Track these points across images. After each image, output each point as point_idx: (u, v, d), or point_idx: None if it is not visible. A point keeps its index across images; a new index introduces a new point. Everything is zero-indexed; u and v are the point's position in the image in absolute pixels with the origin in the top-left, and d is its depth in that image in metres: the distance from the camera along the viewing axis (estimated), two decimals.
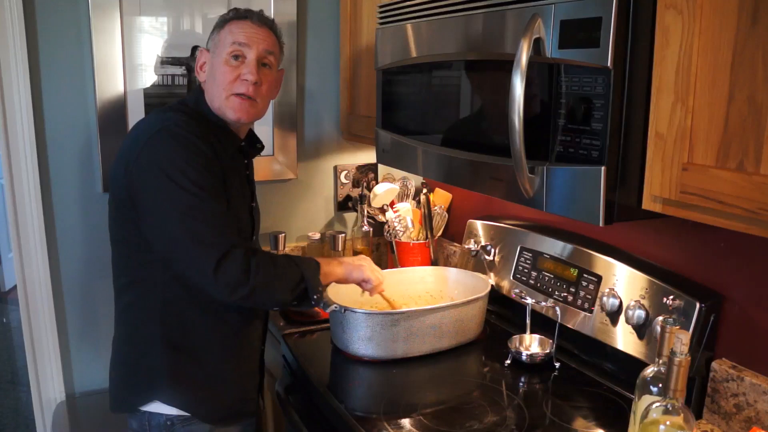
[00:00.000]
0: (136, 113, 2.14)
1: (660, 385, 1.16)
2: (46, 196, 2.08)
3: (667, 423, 1.04)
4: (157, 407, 1.56)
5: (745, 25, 0.94)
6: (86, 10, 2.02)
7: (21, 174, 2.02)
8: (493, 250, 2.01)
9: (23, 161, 2.02)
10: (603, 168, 1.12)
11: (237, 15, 1.60)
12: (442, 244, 2.41)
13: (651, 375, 1.20)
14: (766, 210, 0.94)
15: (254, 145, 1.77)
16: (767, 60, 0.91)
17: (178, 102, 1.64)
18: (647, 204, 1.14)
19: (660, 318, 1.45)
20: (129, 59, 2.11)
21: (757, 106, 0.93)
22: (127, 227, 1.52)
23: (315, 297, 1.55)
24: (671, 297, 1.46)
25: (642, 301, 1.52)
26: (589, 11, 1.10)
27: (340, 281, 1.68)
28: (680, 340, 1.00)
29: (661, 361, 1.18)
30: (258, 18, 1.61)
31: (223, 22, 1.60)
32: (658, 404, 1.07)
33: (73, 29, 2.04)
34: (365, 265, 1.71)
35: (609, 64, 1.08)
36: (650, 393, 1.19)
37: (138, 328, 1.57)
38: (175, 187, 1.41)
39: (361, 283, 1.72)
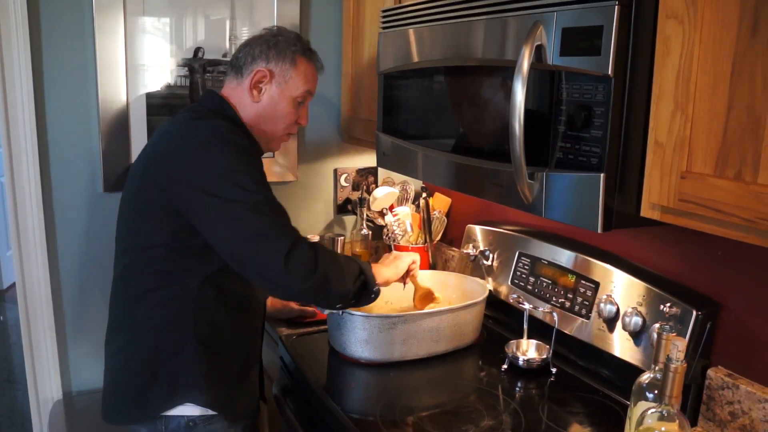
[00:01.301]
0: (138, 113, 2.15)
1: (656, 392, 1.16)
2: (47, 194, 2.08)
3: (663, 429, 1.05)
4: (179, 410, 1.55)
5: (745, 37, 0.95)
6: (90, 10, 2.03)
7: (22, 172, 2.03)
8: (491, 255, 2.02)
9: (24, 159, 2.03)
10: (602, 175, 1.13)
11: (307, 54, 1.67)
12: (441, 248, 2.42)
13: (647, 381, 1.21)
14: (763, 219, 0.94)
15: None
16: (766, 71, 0.92)
17: (204, 108, 1.63)
18: (646, 211, 1.15)
19: (657, 325, 1.46)
20: (132, 60, 2.12)
21: (756, 116, 0.94)
22: (163, 234, 1.51)
23: (375, 289, 1.61)
24: (668, 304, 1.46)
25: (639, 308, 1.53)
26: (590, 19, 1.11)
27: (388, 281, 1.74)
28: (676, 347, 1.01)
29: (657, 368, 1.19)
30: (320, 64, 1.73)
31: (294, 55, 1.64)
32: (653, 410, 1.07)
33: (77, 29, 2.04)
34: (402, 255, 1.82)
35: (610, 72, 1.09)
36: (646, 399, 1.20)
37: (166, 332, 1.55)
38: (241, 189, 1.43)
39: (411, 266, 1.83)
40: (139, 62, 2.13)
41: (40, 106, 2.03)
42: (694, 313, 1.42)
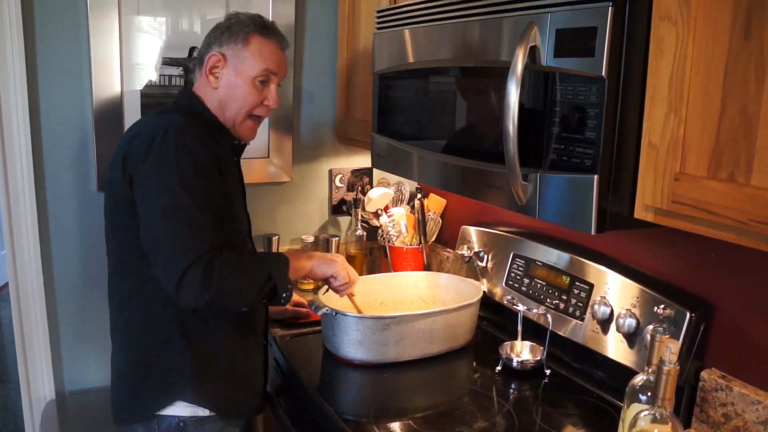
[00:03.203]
0: (132, 112, 2.14)
1: (649, 394, 1.16)
2: (41, 193, 2.07)
3: (656, 431, 1.05)
4: (170, 410, 1.55)
5: (738, 38, 0.94)
6: (85, 9, 2.02)
7: (16, 171, 2.02)
8: (485, 257, 2.02)
9: (18, 158, 2.02)
10: (596, 176, 1.12)
11: (262, 30, 1.62)
12: (436, 249, 2.42)
13: (640, 383, 1.21)
14: (755, 221, 0.94)
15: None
16: (759, 73, 0.92)
17: (173, 104, 1.66)
18: (639, 213, 1.14)
19: (650, 327, 1.46)
20: (126, 59, 2.11)
21: (749, 118, 0.94)
22: (136, 232, 1.49)
23: (284, 295, 1.53)
24: (662, 306, 1.46)
25: (633, 310, 1.53)
26: (584, 21, 1.11)
27: (308, 275, 1.71)
28: (669, 349, 1.00)
29: (650, 370, 1.18)
30: (282, 40, 1.66)
31: (247, 35, 1.60)
32: (646, 412, 1.07)
33: (72, 28, 2.04)
34: (337, 261, 1.70)
35: (603, 74, 1.09)
36: (639, 401, 1.20)
37: (152, 330, 1.56)
38: (164, 189, 1.42)
39: (330, 279, 1.71)
40: (134, 61, 2.13)
41: (34, 105, 2.03)
42: (688, 314, 1.42)
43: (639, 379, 1.22)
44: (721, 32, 0.97)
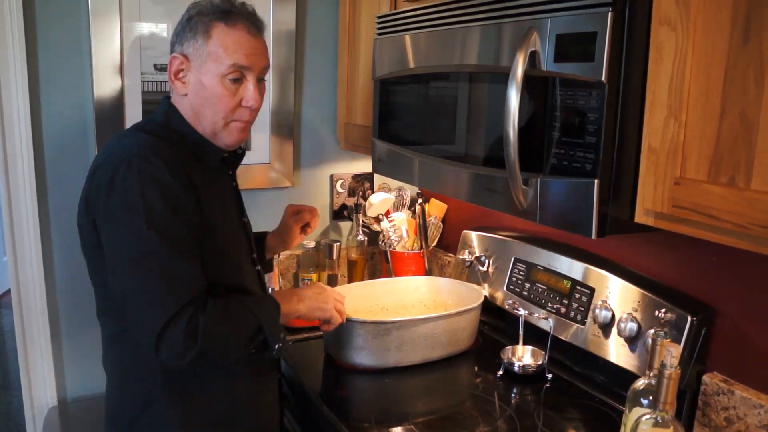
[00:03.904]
0: (133, 118, 2.14)
1: (650, 398, 1.16)
2: (42, 199, 2.08)
3: None
4: None
5: (737, 43, 0.95)
6: (86, 15, 2.03)
7: (18, 177, 2.02)
8: (487, 261, 2.02)
9: (20, 164, 2.02)
10: (596, 181, 1.13)
11: (225, 17, 1.37)
12: (437, 254, 2.42)
13: (641, 387, 1.21)
14: (756, 225, 0.94)
15: (235, 152, 1.58)
16: (758, 77, 0.92)
17: (147, 120, 1.48)
18: (640, 217, 1.15)
19: (651, 331, 1.46)
20: (128, 65, 2.12)
21: (749, 123, 0.94)
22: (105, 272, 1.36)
23: (276, 347, 1.38)
24: (663, 310, 1.47)
25: (634, 314, 1.53)
26: (584, 26, 1.11)
27: (301, 318, 1.53)
28: (670, 353, 1.00)
29: (651, 374, 1.18)
30: (253, 24, 1.40)
31: (207, 27, 1.36)
32: (648, 416, 1.07)
33: (73, 34, 2.04)
34: (329, 306, 1.56)
35: (603, 79, 1.09)
36: (641, 405, 1.20)
37: (134, 385, 1.42)
38: (130, 234, 1.26)
39: (322, 325, 1.60)
40: (135, 67, 2.13)
41: (36, 111, 2.03)
42: (689, 318, 1.42)
43: (640, 383, 1.22)
44: (720, 37, 0.97)
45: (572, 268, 1.73)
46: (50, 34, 2.01)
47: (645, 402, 1.19)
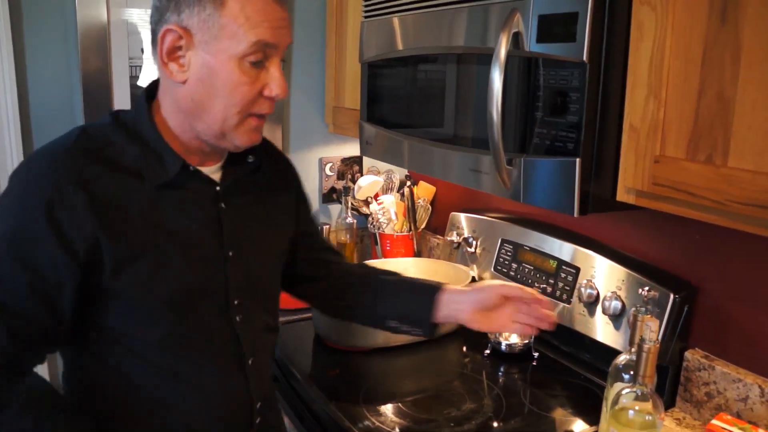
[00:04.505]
0: (122, 105, 2.15)
1: (631, 372, 1.19)
2: None
3: (636, 408, 1.07)
4: None
5: (715, 24, 0.96)
6: (72, 2, 2.02)
7: (6, 161, 2.03)
8: (474, 242, 2.04)
9: (9, 159, 2.02)
10: (578, 160, 1.14)
11: None
12: (426, 236, 2.44)
13: (623, 363, 1.23)
14: (733, 201, 0.97)
15: (238, 161, 1.20)
16: (734, 58, 0.94)
17: (112, 113, 1.15)
18: (621, 195, 1.16)
19: (633, 308, 1.48)
20: (115, 52, 2.11)
21: (726, 102, 0.96)
22: None
23: None
24: (646, 288, 1.49)
25: (618, 293, 1.55)
26: (566, 6, 1.12)
27: None
28: (649, 328, 1.03)
29: (632, 350, 1.21)
30: None
31: None
32: (628, 390, 1.10)
33: (59, 21, 2.04)
34: None
35: (585, 59, 1.10)
36: (622, 380, 1.22)
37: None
38: None
39: None
40: (122, 54, 2.13)
41: (24, 99, 2.03)
42: (672, 296, 1.44)
43: (622, 359, 1.24)
44: (699, 17, 0.99)
45: (558, 248, 1.75)
46: (36, 22, 2.01)
47: (626, 377, 1.21)
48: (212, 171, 1.16)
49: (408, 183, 2.31)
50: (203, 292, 1.13)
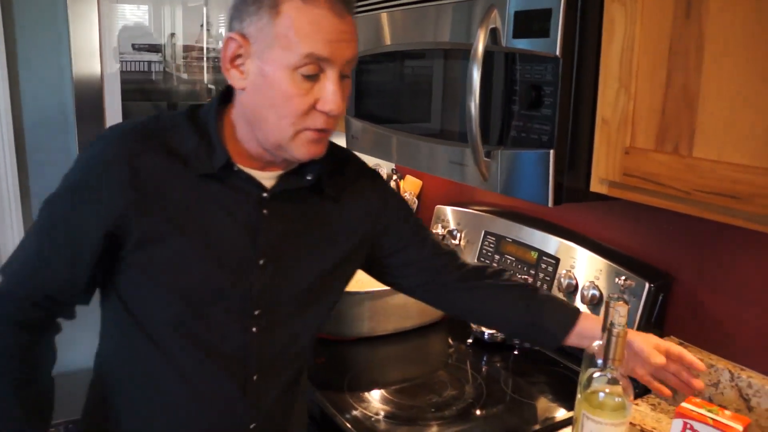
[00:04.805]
0: (113, 99, 2.17)
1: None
2: (24, 186, 2.10)
3: (606, 391, 1.11)
4: None
5: (680, 19, 1.00)
6: (64, 6, 2.04)
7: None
8: (459, 235, 2.08)
9: (1, 152, 2.05)
10: (552, 151, 1.18)
11: None
12: None
13: (596, 348, 1.27)
14: (697, 190, 1.01)
15: (300, 173, 1.17)
16: (698, 51, 0.98)
17: (191, 105, 1.19)
18: (595, 186, 1.20)
19: (607, 296, 1.52)
20: (106, 46, 2.14)
21: (690, 94, 1.00)
22: None
23: None
24: (623, 278, 1.53)
25: (596, 282, 1.60)
26: (540, 2, 1.16)
27: None
28: (618, 312, 1.07)
29: (605, 335, 1.24)
30: (344, 7, 1.05)
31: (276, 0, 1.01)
32: (599, 374, 1.13)
33: (51, 15, 2.06)
34: None
35: (558, 53, 1.14)
36: (595, 365, 1.26)
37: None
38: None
39: None
40: (113, 48, 2.16)
41: (16, 98, 2.04)
42: (647, 285, 1.49)
43: (595, 344, 1.28)
44: (665, 13, 1.02)
45: (539, 239, 1.79)
46: (27, 17, 2.03)
47: (599, 362, 1.25)
48: (267, 177, 1.15)
49: (394, 177, 2.34)
50: (221, 293, 1.13)
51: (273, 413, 1.23)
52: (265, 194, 1.14)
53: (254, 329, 1.16)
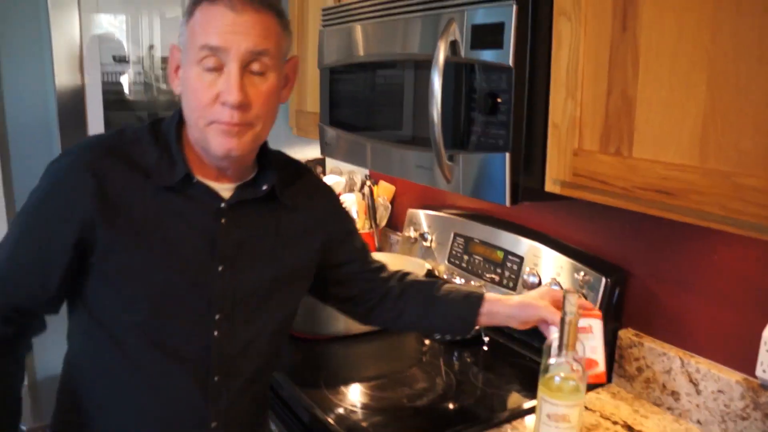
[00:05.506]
0: (95, 109, 2.22)
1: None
2: (9, 196, 2.14)
3: (561, 375, 1.20)
4: None
5: (618, 31, 1.10)
6: (45, 7, 2.09)
7: None
8: (430, 237, 2.16)
9: None
10: (507, 154, 1.27)
11: None
12: (387, 233, 2.55)
13: (555, 338, 1.35)
14: (637, 188, 1.10)
15: (254, 184, 1.26)
16: (634, 60, 1.07)
17: (154, 119, 1.27)
18: (549, 186, 1.29)
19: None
20: (88, 56, 2.19)
21: (629, 100, 1.10)
22: None
23: None
24: (582, 273, 1.62)
25: (558, 278, 1.68)
26: (494, 17, 1.25)
27: None
28: (569, 301, 1.15)
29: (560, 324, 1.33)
30: (236, 4, 1.09)
31: (192, 6, 1.13)
32: (555, 360, 1.22)
33: (32, 26, 2.10)
34: None
35: (511, 63, 1.23)
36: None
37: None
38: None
39: None
40: (94, 59, 2.21)
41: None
42: (604, 279, 1.58)
43: (555, 336, 1.36)
44: (605, 26, 1.12)
45: (505, 240, 1.88)
46: (9, 28, 2.08)
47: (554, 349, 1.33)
48: (225, 188, 1.22)
49: (368, 182, 2.42)
50: (183, 299, 1.19)
51: (233, 413, 1.28)
52: (222, 204, 1.21)
53: (215, 333, 1.22)
